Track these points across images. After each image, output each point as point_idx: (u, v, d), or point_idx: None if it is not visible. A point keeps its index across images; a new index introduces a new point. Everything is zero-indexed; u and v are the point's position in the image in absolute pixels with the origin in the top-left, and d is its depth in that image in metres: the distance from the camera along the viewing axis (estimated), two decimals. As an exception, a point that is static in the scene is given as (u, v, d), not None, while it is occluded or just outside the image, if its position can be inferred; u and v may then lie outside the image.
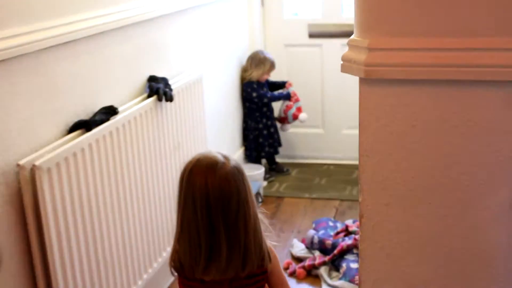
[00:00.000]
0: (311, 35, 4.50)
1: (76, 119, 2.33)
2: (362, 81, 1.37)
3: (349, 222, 3.56)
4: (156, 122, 2.78)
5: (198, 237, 1.59)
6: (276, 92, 4.36)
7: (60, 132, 2.25)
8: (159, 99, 2.76)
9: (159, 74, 2.99)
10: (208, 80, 3.63)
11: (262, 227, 1.68)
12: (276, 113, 4.46)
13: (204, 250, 1.59)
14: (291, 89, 4.35)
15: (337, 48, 4.43)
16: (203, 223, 1.57)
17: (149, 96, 2.76)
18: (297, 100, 4.34)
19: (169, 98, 2.80)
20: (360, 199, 1.47)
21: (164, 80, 2.92)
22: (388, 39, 1.33)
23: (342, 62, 1.41)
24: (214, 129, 3.82)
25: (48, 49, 2.14)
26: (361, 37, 1.37)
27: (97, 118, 2.36)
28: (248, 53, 4.37)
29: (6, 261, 1.99)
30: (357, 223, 3.57)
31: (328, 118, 4.65)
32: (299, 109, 4.35)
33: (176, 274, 1.70)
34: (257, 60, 4.25)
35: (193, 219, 1.58)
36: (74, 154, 2.17)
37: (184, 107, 3.10)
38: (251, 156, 4.39)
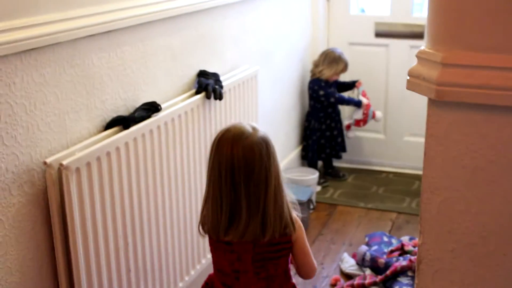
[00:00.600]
0: (378, 34, 4.23)
1: (114, 115, 2.16)
2: (432, 102, 1.14)
3: (405, 239, 3.30)
4: (203, 121, 2.59)
5: (221, 201, 1.70)
6: (346, 95, 4.09)
7: (95, 128, 2.09)
8: (208, 97, 2.56)
9: (210, 69, 2.80)
10: (265, 76, 3.43)
11: (288, 199, 1.76)
12: (345, 118, 4.22)
13: (225, 213, 1.71)
14: (362, 88, 4.09)
15: (405, 49, 4.16)
16: (226, 189, 1.69)
17: (197, 92, 2.57)
18: (358, 85, 4.11)
19: (219, 96, 2.61)
20: (419, 242, 1.23)
21: (215, 76, 2.73)
22: (467, 53, 1.09)
23: (408, 78, 1.18)
24: (267, 127, 3.60)
25: (85, 38, 1.97)
26: (433, 49, 1.13)
27: (136, 114, 2.18)
28: (309, 50, 4.14)
29: (28, 265, 1.84)
30: (414, 241, 3.33)
31: (391, 123, 4.38)
32: (363, 93, 4.11)
33: (205, 234, 1.82)
34: (331, 58, 4.01)
35: (218, 185, 1.70)
36: (108, 154, 2.00)
37: (236, 105, 2.90)
38: (310, 157, 4.16)
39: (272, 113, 3.67)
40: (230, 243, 1.76)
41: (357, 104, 4.02)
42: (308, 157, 4.18)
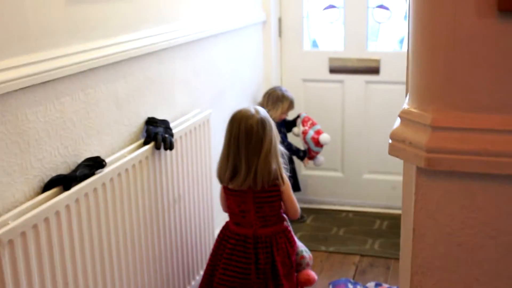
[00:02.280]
0: (332, 70, 4.11)
1: (53, 174, 1.95)
2: (421, 171, 0.97)
3: (371, 285, 3.14)
4: (152, 173, 2.39)
5: (227, 159, 2.49)
6: (294, 145, 3.92)
7: (32, 191, 1.87)
8: (157, 147, 2.37)
9: (160, 115, 2.61)
10: (217, 119, 3.25)
11: (282, 161, 2.54)
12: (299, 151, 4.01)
13: (229, 167, 2.48)
14: (303, 115, 3.91)
15: (361, 85, 4.05)
16: (232, 151, 2.47)
17: (146, 142, 2.38)
18: (313, 124, 3.87)
19: (169, 146, 2.41)
20: (409, 331, 1.05)
21: (165, 123, 2.54)
22: (460, 114, 0.94)
23: (391, 141, 1.01)
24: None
25: (18, 91, 1.77)
26: (419, 108, 0.97)
27: (78, 172, 1.97)
28: (263, 88, 3.99)
29: None
30: (381, 288, 3.18)
31: (348, 161, 4.25)
32: (318, 132, 3.87)
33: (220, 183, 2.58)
34: (275, 98, 3.85)
35: (228, 148, 2.49)
36: (47, 220, 1.78)
37: (188, 153, 2.71)
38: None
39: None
40: (235, 191, 2.50)
41: (304, 155, 3.90)
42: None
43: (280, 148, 2.54)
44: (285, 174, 2.56)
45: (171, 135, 2.49)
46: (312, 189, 4.30)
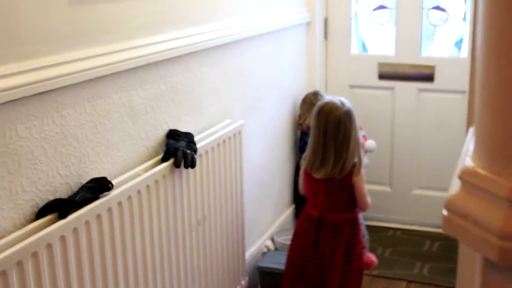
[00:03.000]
0: (382, 76, 3.77)
1: (50, 198, 1.70)
2: (491, 266, 0.66)
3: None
4: (171, 194, 2.12)
5: (317, 149, 2.54)
6: None
7: (23, 218, 1.62)
8: (177, 165, 2.10)
9: (183, 128, 2.34)
10: (251, 129, 2.97)
11: (361, 153, 2.61)
12: None
13: (319, 158, 2.54)
14: (362, 133, 3.59)
15: (412, 93, 3.71)
16: (321, 143, 2.52)
17: (164, 159, 2.11)
18: (359, 129, 3.52)
19: (190, 163, 2.14)
20: None
21: (188, 137, 2.27)
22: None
23: (445, 213, 0.70)
24: (256, 190, 3.14)
25: (6, 104, 1.52)
26: (492, 170, 0.66)
27: (79, 196, 1.72)
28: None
29: None
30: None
31: (397, 175, 3.91)
32: (364, 137, 3.53)
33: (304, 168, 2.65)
34: (307, 103, 3.52)
35: (316, 140, 2.54)
36: (35, 255, 1.53)
37: (215, 169, 2.43)
38: (303, 216, 3.70)
39: (262, 171, 3.20)
40: (314, 178, 2.58)
41: None
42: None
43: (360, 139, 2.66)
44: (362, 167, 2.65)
45: (194, 150, 2.22)
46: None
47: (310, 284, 2.61)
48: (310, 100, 3.51)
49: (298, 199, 3.69)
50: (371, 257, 2.71)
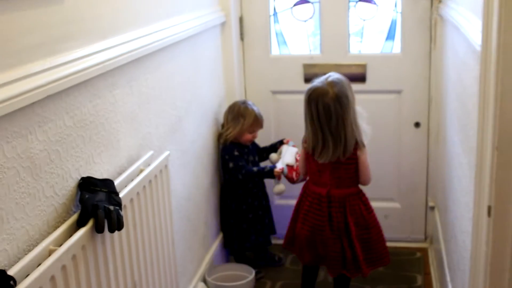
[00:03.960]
0: (308, 79, 3.33)
1: None
2: None
3: None
4: (94, 267, 1.58)
5: (315, 136, 2.58)
6: (256, 167, 3.11)
7: None
8: (99, 230, 1.56)
9: (99, 172, 1.81)
10: (173, 157, 2.46)
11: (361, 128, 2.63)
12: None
13: (320, 144, 2.57)
14: (291, 144, 3.14)
15: (343, 95, 3.30)
16: (316, 129, 2.56)
17: (80, 222, 1.57)
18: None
19: (116, 224, 1.61)
20: None
21: (107, 185, 1.73)
22: None
23: None
24: (183, 226, 2.64)
25: None
26: None
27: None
28: (226, 106, 3.20)
29: None
30: None
31: (331, 187, 3.51)
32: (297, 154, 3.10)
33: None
34: (235, 113, 3.08)
35: (312, 126, 2.59)
36: None
37: (142, 220, 1.91)
38: (233, 247, 3.22)
39: (188, 203, 2.69)
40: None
41: (269, 174, 3.04)
42: (231, 249, 3.24)
43: (357, 109, 2.60)
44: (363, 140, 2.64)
45: (118, 203, 1.68)
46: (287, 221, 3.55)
47: (331, 257, 2.66)
48: (238, 109, 3.07)
49: (225, 226, 3.22)
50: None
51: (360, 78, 3.29)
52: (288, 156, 3.04)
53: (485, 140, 1.64)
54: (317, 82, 2.56)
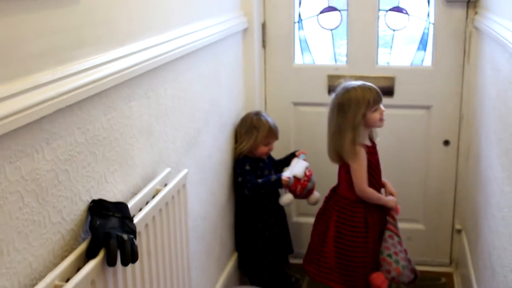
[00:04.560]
0: (332, 91, 3.16)
1: None
2: None
3: None
4: (103, 304, 1.40)
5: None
6: (262, 179, 2.90)
7: None
8: (111, 262, 1.38)
9: (111, 193, 1.63)
10: (190, 174, 2.28)
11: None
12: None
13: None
14: (302, 157, 2.96)
15: (369, 109, 3.12)
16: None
17: (90, 254, 1.39)
18: (310, 174, 2.91)
19: (130, 256, 1.43)
20: None
21: (120, 210, 1.55)
22: None
23: None
24: (199, 247, 2.46)
25: None
26: None
27: None
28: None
29: None
30: None
31: (352, 205, 3.32)
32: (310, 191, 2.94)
33: None
34: (248, 125, 2.90)
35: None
36: None
37: (157, 247, 1.73)
38: (248, 268, 3.04)
39: (203, 222, 2.51)
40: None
41: (277, 184, 2.83)
42: (246, 269, 3.06)
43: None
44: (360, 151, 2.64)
45: (132, 231, 1.50)
46: (306, 240, 3.36)
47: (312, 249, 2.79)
48: (251, 121, 2.89)
49: (241, 244, 3.04)
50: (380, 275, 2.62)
51: (387, 91, 3.10)
52: (298, 168, 2.86)
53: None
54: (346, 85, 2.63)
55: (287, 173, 2.84)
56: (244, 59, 3.02)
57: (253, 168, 2.89)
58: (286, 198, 2.83)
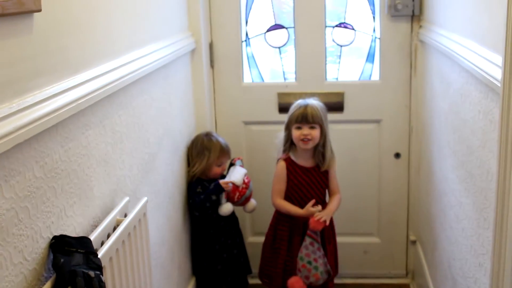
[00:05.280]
0: (283, 109, 3.16)
1: None
2: None
3: None
4: None
5: None
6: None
7: None
8: (78, 303, 1.32)
9: (72, 228, 1.56)
10: (151, 203, 2.22)
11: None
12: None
13: None
14: (238, 165, 2.93)
15: (320, 126, 3.12)
16: None
17: (55, 294, 1.32)
18: (248, 181, 2.88)
19: (98, 293, 1.37)
20: None
21: (84, 245, 1.48)
22: None
23: None
24: (158, 275, 2.39)
25: None
26: None
27: None
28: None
29: None
30: None
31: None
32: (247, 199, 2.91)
33: None
34: (199, 147, 2.85)
35: None
36: None
37: (122, 280, 1.67)
38: (208, 291, 2.99)
39: (161, 249, 2.45)
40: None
41: (217, 190, 2.77)
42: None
43: None
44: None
45: (98, 266, 1.44)
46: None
47: None
48: (201, 142, 2.85)
49: (199, 268, 2.98)
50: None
51: (337, 107, 3.12)
52: (235, 174, 2.82)
53: (508, 195, 1.47)
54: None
55: (226, 179, 2.80)
56: (193, 80, 2.98)
57: (204, 190, 2.83)
58: (225, 207, 2.77)
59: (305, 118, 2.64)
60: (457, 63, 2.17)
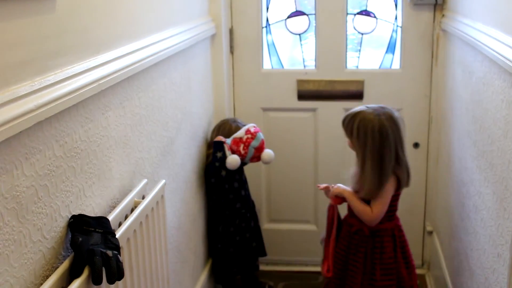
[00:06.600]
0: (302, 96, 3.15)
1: None
2: None
3: None
4: (88, 325, 1.34)
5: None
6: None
7: None
8: (96, 281, 1.32)
9: (90, 207, 1.57)
10: (168, 186, 2.22)
11: None
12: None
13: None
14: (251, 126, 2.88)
15: (338, 114, 3.07)
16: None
17: (74, 270, 1.33)
18: (256, 132, 2.81)
19: (116, 274, 1.37)
20: None
21: (102, 225, 1.49)
22: None
23: None
24: (174, 258, 2.40)
25: None
26: None
27: None
28: (214, 124, 2.98)
29: None
30: None
31: (324, 210, 3.29)
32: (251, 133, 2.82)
33: None
34: (227, 131, 2.86)
35: None
36: None
37: (138, 261, 1.67)
38: (220, 274, 2.99)
39: (178, 233, 2.46)
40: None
41: (215, 145, 2.74)
42: (219, 276, 3.01)
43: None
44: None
45: (116, 246, 1.44)
46: (279, 247, 3.34)
47: None
48: (229, 128, 2.85)
49: (213, 252, 2.99)
50: None
51: (357, 95, 3.10)
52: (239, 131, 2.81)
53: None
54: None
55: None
56: (212, 65, 2.98)
57: (231, 172, 2.83)
58: (230, 158, 2.72)
59: (343, 126, 2.52)
60: (480, 52, 2.15)
